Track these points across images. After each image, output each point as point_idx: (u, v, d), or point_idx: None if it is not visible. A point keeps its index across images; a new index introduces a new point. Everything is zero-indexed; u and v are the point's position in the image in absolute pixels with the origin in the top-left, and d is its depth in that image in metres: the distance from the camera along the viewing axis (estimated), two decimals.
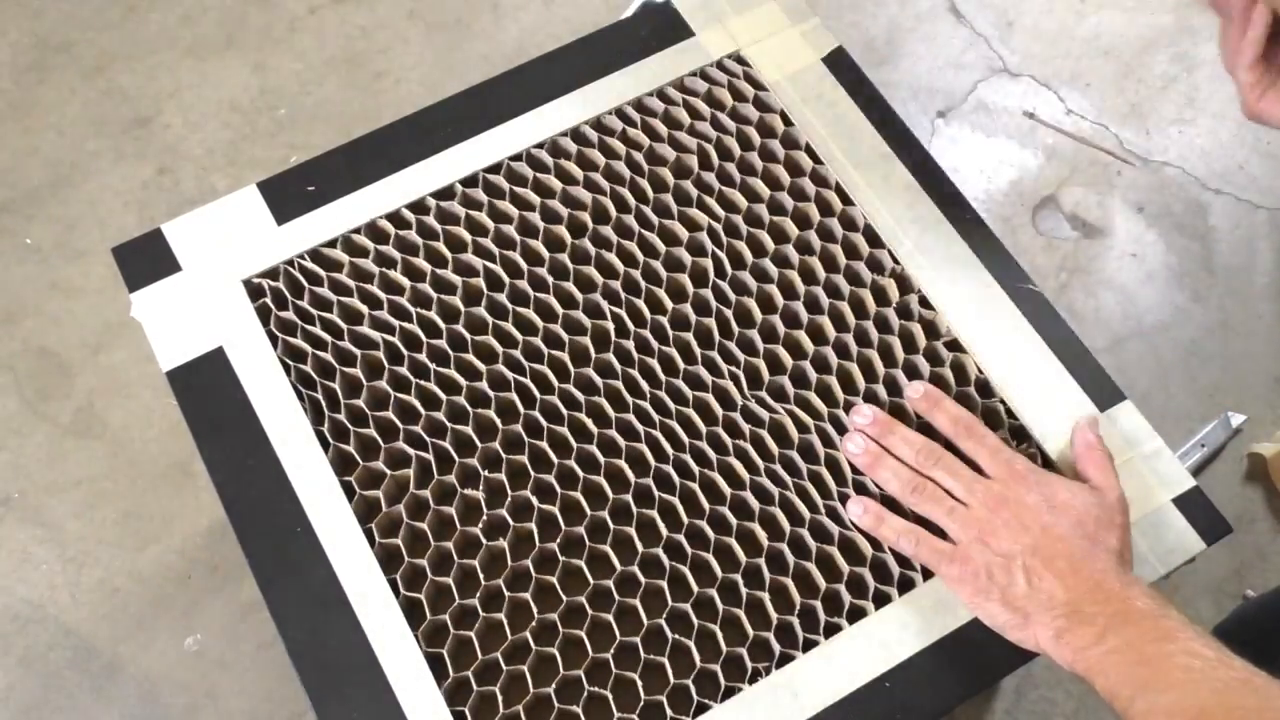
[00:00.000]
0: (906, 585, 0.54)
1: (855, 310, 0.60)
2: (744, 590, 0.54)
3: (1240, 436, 1.10)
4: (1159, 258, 1.18)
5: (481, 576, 0.54)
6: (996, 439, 0.53)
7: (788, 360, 0.59)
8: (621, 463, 0.57)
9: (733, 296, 0.61)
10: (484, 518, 0.55)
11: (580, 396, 0.58)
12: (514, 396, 0.58)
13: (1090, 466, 0.53)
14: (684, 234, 0.62)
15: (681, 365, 0.58)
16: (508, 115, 0.65)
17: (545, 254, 0.61)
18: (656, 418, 0.57)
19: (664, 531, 0.55)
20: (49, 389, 1.10)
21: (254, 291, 0.61)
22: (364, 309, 0.60)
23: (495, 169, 0.63)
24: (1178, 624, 0.44)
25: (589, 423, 0.57)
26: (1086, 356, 0.59)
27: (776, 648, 0.52)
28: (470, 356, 0.59)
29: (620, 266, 0.61)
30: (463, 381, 0.58)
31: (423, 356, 0.59)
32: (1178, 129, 1.25)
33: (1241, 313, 1.15)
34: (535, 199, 0.62)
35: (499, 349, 0.59)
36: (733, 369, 0.58)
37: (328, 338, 0.59)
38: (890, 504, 0.54)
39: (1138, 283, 1.17)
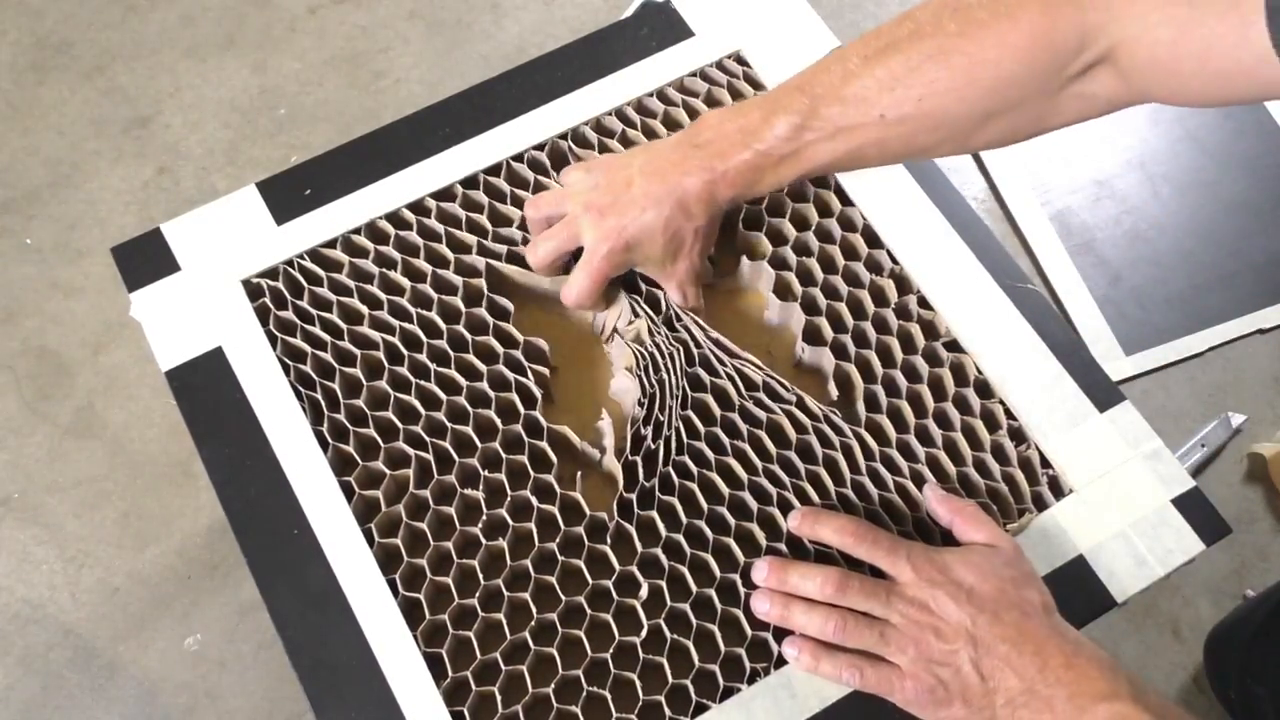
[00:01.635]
0: None
1: (853, 311, 0.60)
2: (743, 590, 0.54)
3: (1240, 436, 1.10)
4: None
5: (481, 576, 0.54)
6: (888, 537, 0.51)
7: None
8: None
9: None
10: (483, 518, 0.55)
11: None
12: (514, 397, 0.58)
13: (969, 527, 0.52)
14: None
15: (681, 366, 0.58)
16: (508, 115, 0.65)
17: None
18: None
19: (663, 532, 0.55)
20: (49, 389, 1.10)
21: (253, 291, 0.61)
22: (364, 309, 0.60)
23: (495, 170, 0.63)
24: (1123, 680, 0.45)
25: None
26: (1086, 356, 0.59)
27: (775, 648, 0.52)
28: (470, 357, 0.59)
29: None
30: (463, 382, 0.58)
31: (422, 357, 0.59)
32: None
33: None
34: None
35: (499, 349, 0.59)
36: (728, 370, 0.58)
37: (327, 338, 0.59)
38: None
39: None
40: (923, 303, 0.60)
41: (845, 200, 0.63)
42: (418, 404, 0.57)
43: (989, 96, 0.47)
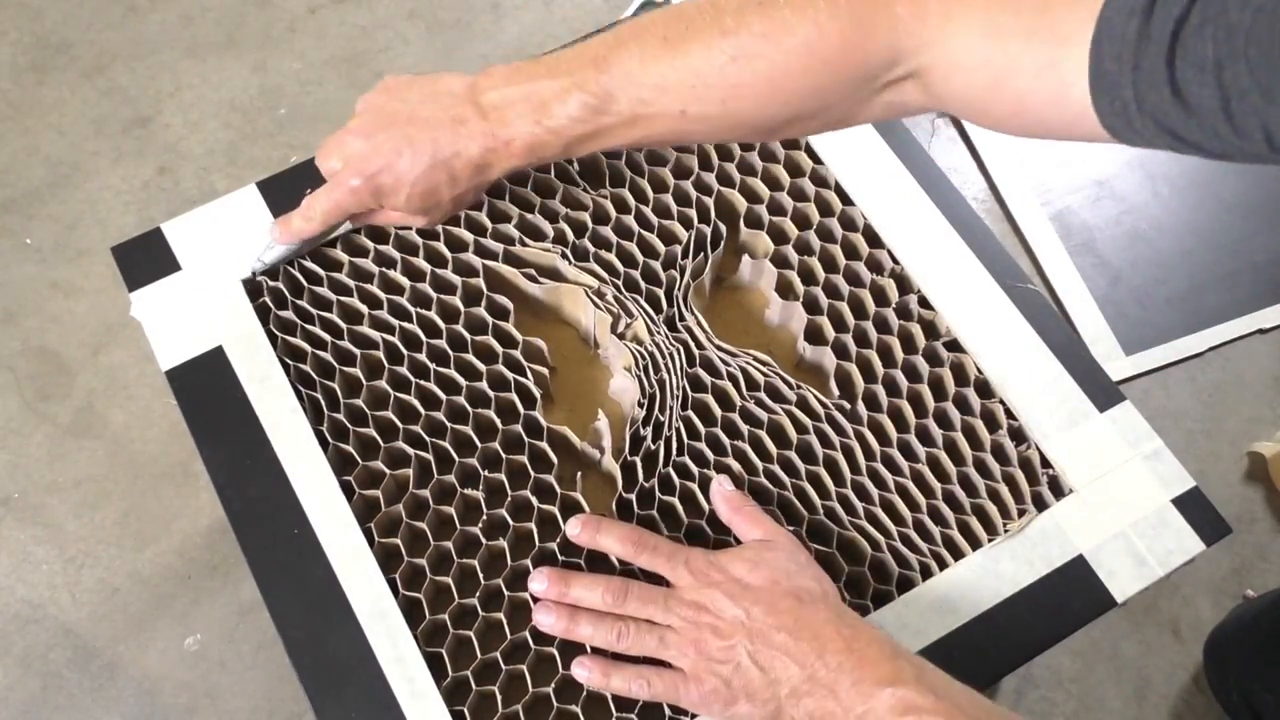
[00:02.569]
0: (906, 585, 0.54)
1: (854, 311, 0.60)
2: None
3: (1241, 434, 1.10)
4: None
5: (481, 576, 0.54)
6: (667, 544, 0.51)
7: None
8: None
9: None
10: (484, 517, 0.55)
11: None
12: (513, 397, 0.58)
13: (747, 524, 0.52)
14: (684, 235, 0.62)
15: (682, 366, 0.58)
16: None
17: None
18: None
19: (664, 531, 0.55)
20: (49, 389, 1.10)
21: (253, 291, 0.61)
22: (364, 309, 0.60)
23: None
24: (905, 663, 0.45)
25: None
26: (1086, 356, 0.59)
27: None
28: (470, 356, 0.59)
29: (621, 267, 0.61)
30: (462, 381, 0.58)
31: (422, 356, 0.59)
32: None
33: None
34: (535, 199, 0.62)
35: (499, 349, 0.59)
36: (731, 370, 0.58)
37: (327, 337, 0.59)
38: None
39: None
40: (923, 302, 0.60)
41: (846, 200, 0.63)
42: (417, 403, 0.57)
43: (793, 104, 0.45)
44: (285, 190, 0.63)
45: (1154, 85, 0.35)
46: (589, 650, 0.51)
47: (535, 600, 0.52)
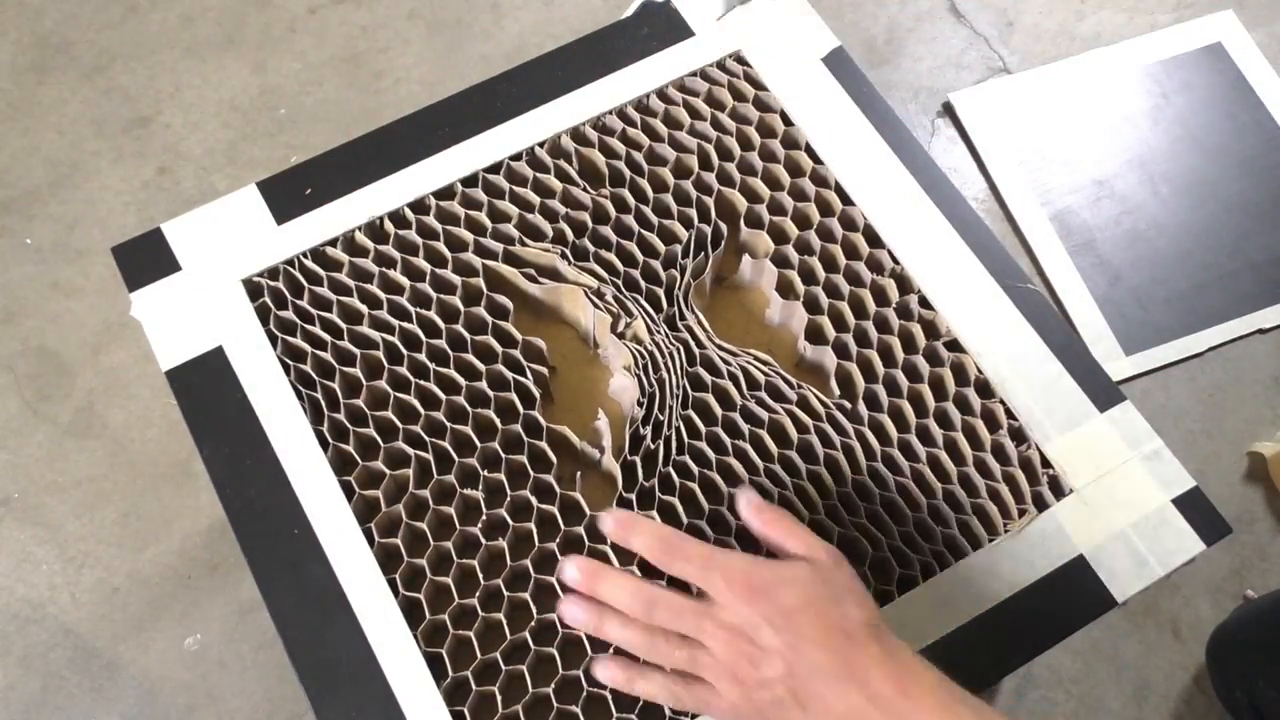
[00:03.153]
0: (907, 584, 0.54)
1: (855, 310, 0.60)
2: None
3: (1241, 434, 1.10)
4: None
5: (481, 576, 0.54)
6: (700, 550, 0.46)
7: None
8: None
9: None
10: (483, 517, 0.55)
11: None
12: (513, 396, 0.58)
13: (782, 536, 0.48)
14: (684, 234, 0.62)
15: (682, 366, 0.58)
16: (507, 115, 0.65)
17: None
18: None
19: None
20: (49, 389, 1.10)
21: (253, 291, 0.61)
22: (363, 309, 0.60)
23: (495, 169, 0.63)
24: (957, 699, 0.43)
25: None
26: (1086, 356, 0.59)
27: None
28: (470, 356, 0.59)
29: (621, 266, 0.61)
30: (462, 381, 0.58)
31: (422, 356, 0.59)
32: None
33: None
34: (535, 199, 0.62)
35: (498, 349, 0.59)
36: (731, 369, 0.58)
37: (327, 337, 0.59)
38: None
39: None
40: (923, 302, 0.60)
41: (846, 199, 0.63)
42: (417, 404, 0.57)
43: None
44: (285, 190, 0.63)
45: None
46: (611, 650, 0.50)
47: (564, 590, 0.50)
